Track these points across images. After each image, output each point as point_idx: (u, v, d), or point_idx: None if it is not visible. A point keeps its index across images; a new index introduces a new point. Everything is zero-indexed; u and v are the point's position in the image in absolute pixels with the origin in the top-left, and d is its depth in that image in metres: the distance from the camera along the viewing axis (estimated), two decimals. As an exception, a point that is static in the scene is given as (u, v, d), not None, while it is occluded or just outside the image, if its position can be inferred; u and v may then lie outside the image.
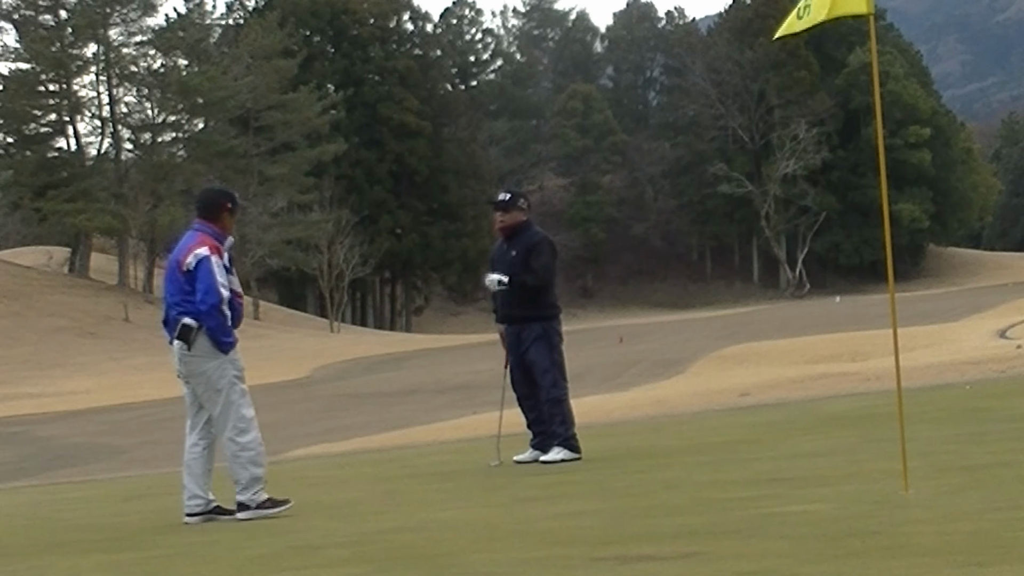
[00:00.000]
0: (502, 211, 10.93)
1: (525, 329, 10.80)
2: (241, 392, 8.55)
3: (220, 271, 8.42)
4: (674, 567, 5.14)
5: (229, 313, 8.48)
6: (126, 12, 76.94)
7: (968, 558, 4.80)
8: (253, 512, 8.42)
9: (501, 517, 7.42)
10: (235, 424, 8.53)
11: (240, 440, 8.52)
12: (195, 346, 8.51)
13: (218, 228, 8.61)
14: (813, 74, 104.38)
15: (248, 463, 8.50)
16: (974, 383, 17.32)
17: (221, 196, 8.86)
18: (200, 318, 8.41)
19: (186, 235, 8.69)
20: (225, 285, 8.44)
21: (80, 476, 18.80)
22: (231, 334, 8.51)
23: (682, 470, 9.35)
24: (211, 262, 8.39)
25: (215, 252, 8.44)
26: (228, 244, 8.65)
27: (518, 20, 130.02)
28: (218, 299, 8.37)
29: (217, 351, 8.47)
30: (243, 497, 8.48)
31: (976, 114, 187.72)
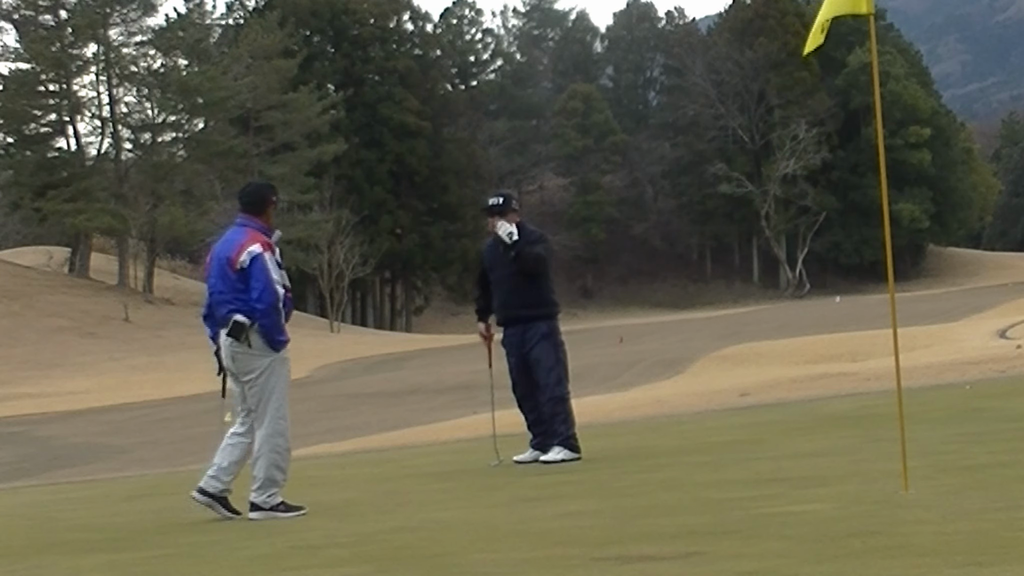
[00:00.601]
0: (498, 215, 10.85)
1: (530, 328, 10.77)
2: (285, 392, 8.53)
3: (274, 268, 8.42)
4: (674, 567, 5.14)
5: (283, 310, 8.48)
6: (126, 12, 76.97)
7: (968, 558, 4.80)
8: (265, 514, 8.39)
9: (501, 517, 7.42)
10: (274, 423, 8.48)
11: (273, 440, 8.48)
12: (247, 343, 8.45)
13: (263, 222, 8.61)
14: (813, 74, 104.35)
15: (272, 465, 8.45)
16: (974, 383, 17.32)
17: (266, 190, 8.84)
18: (255, 316, 8.37)
19: (232, 230, 8.66)
20: (280, 282, 8.44)
21: (80, 476, 18.80)
22: (285, 332, 8.50)
23: (682, 470, 9.35)
24: (265, 259, 8.37)
25: (267, 248, 8.43)
26: (276, 238, 8.64)
27: (518, 20, 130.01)
28: (275, 298, 8.37)
29: (269, 349, 8.44)
30: (258, 498, 8.44)
31: (976, 114, 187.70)
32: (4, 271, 68.48)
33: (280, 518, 8.33)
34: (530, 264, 10.75)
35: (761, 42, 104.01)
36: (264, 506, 8.41)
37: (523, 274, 10.75)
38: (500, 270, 10.86)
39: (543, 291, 10.91)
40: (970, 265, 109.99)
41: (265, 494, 8.43)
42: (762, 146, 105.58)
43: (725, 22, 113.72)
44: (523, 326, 10.79)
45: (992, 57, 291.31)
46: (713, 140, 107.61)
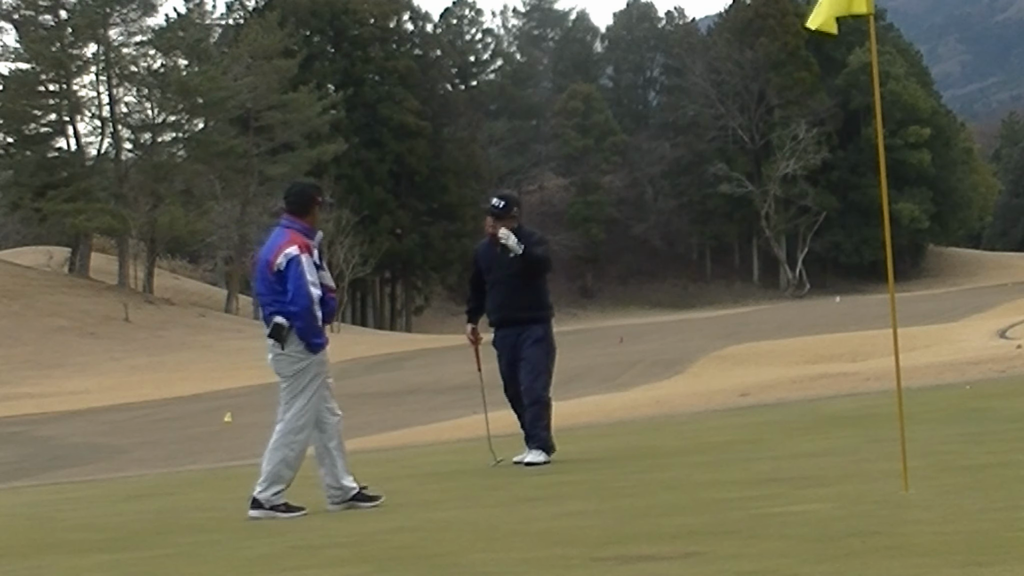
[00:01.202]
0: (497, 218, 10.78)
1: (525, 331, 10.78)
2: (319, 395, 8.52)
3: (311, 270, 8.41)
4: (674, 567, 5.14)
5: (320, 313, 8.45)
6: (126, 12, 76.96)
7: (968, 558, 4.80)
8: (265, 513, 8.39)
9: (501, 517, 7.42)
10: (295, 420, 8.50)
11: (289, 437, 8.49)
12: (287, 344, 8.47)
13: (307, 223, 8.60)
14: (813, 74, 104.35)
15: (282, 461, 8.46)
16: (974, 383, 17.32)
17: (312, 190, 8.86)
18: (290, 318, 8.40)
19: (275, 232, 8.67)
20: (316, 284, 8.42)
21: (80, 476, 18.79)
22: (321, 335, 8.49)
23: (682, 470, 9.35)
24: (301, 262, 8.37)
25: (305, 250, 8.42)
26: (318, 239, 8.64)
27: (518, 20, 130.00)
28: (309, 301, 8.36)
29: (307, 351, 8.45)
30: (261, 494, 8.45)
31: (976, 114, 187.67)
32: (4, 271, 68.48)
33: (279, 518, 8.33)
34: (537, 266, 10.73)
35: (761, 42, 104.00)
36: (266, 504, 8.40)
37: (522, 276, 10.68)
38: (498, 272, 10.78)
39: (541, 294, 10.91)
40: (970, 265, 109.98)
41: (270, 491, 8.43)
42: (762, 146, 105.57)
43: (725, 22, 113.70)
44: (519, 328, 10.78)
45: (992, 57, 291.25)
46: (713, 140, 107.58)
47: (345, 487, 8.64)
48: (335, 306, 8.72)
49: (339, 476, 8.64)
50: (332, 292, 8.66)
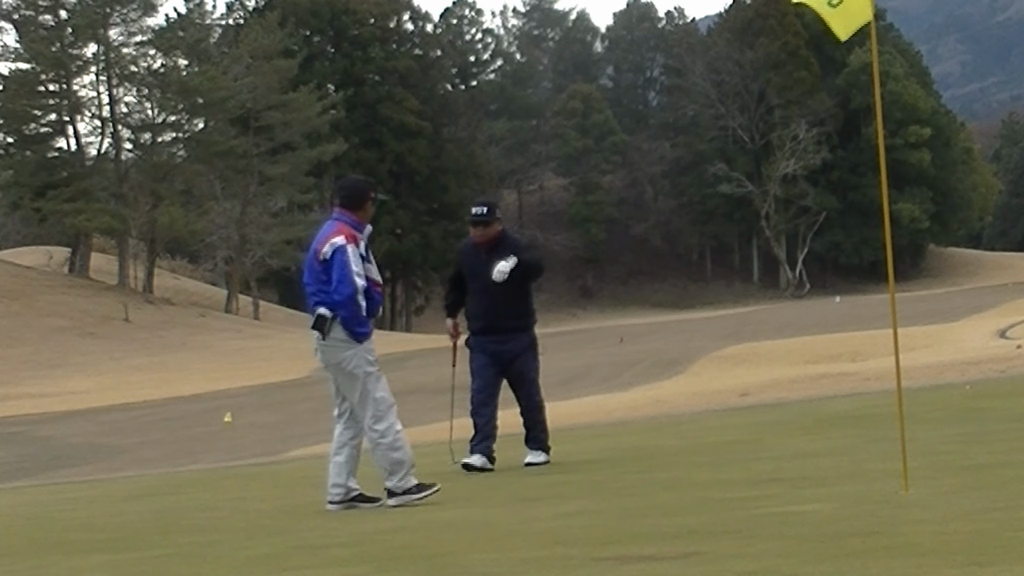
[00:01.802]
0: (483, 225, 10.64)
1: (512, 339, 10.68)
2: (376, 379, 8.56)
3: (356, 260, 8.48)
4: (674, 567, 5.14)
5: (364, 303, 8.50)
6: (126, 12, 76.91)
7: (968, 558, 4.80)
8: (401, 498, 8.48)
9: (501, 517, 7.42)
10: (373, 412, 8.55)
11: (377, 427, 8.54)
12: (330, 335, 8.53)
13: (358, 217, 8.68)
14: (813, 74, 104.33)
15: (387, 449, 8.52)
16: (974, 383, 17.32)
17: (366, 185, 8.96)
18: (335, 308, 8.46)
19: (325, 224, 8.75)
20: (360, 274, 8.48)
21: (80, 476, 18.79)
22: (366, 324, 8.55)
23: (682, 470, 9.36)
24: (347, 252, 8.45)
25: (351, 241, 8.50)
26: (367, 233, 8.71)
27: (518, 20, 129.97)
28: (352, 290, 8.42)
29: (352, 340, 8.49)
30: (390, 483, 8.54)
31: (976, 114, 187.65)
32: (4, 271, 68.47)
33: (415, 500, 8.42)
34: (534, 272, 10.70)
35: (761, 42, 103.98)
36: (398, 490, 8.51)
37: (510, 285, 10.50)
38: (483, 278, 10.56)
39: (527, 301, 10.78)
40: (970, 265, 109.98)
41: (396, 478, 8.52)
42: (762, 146, 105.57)
43: (725, 22, 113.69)
44: (505, 336, 10.68)
45: (992, 57, 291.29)
46: (713, 140, 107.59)
47: (349, 487, 8.68)
48: (380, 300, 8.74)
49: (348, 475, 8.68)
50: (378, 286, 8.70)
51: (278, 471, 14.97)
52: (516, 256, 10.55)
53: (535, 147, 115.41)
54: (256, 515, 8.99)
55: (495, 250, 10.57)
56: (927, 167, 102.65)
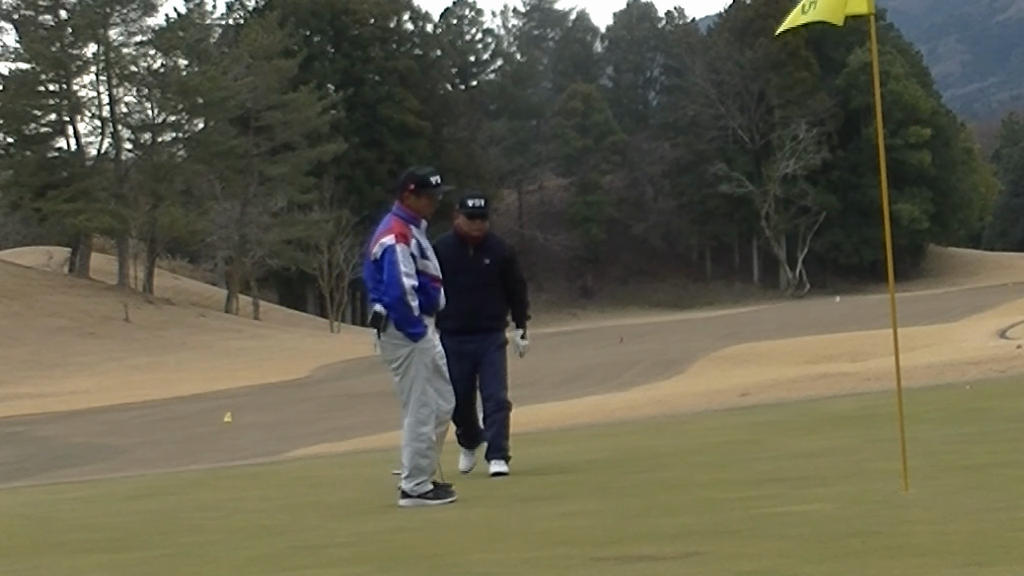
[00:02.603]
0: (481, 219, 10.19)
1: (488, 338, 10.26)
2: (426, 381, 8.51)
3: (405, 260, 8.41)
4: (674, 567, 5.14)
5: (415, 303, 8.42)
6: (126, 12, 76.94)
7: (968, 558, 4.80)
8: (414, 501, 8.44)
9: (501, 517, 7.42)
10: (416, 412, 8.51)
11: (417, 429, 8.50)
12: (386, 333, 8.50)
13: (410, 211, 8.62)
14: (813, 74, 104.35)
15: (416, 453, 8.47)
16: (974, 383, 17.32)
17: (405, 177, 8.85)
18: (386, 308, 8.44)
19: (384, 219, 8.72)
20: (411, 274, 8.41)
21: (80, 476, 18.78)
22: (418, 324, 8.45)
23: (682, 470, 9.35)
24: (395, 252, 8.40)
25: (401, 239, 8.44)
26: (423, 227, 8.63)
27: (518, 20, 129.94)
28: (400, 291, 8.36)
29: (407, 339, 8.46)
30: (406, 485, 8.50)
31: (976, 114, 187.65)
32: (4, 271, 68.47)
33: (429, 505, 8.36)
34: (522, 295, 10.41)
35: (761, 42, 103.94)
36: (413, 494, 8.46)
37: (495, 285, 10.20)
38: (466, 277, 10.07)
39: (504, 303, 10.40)
40: (970, 265, 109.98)
41: (413, 482, 8.47)
42: (762, 146, 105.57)
43: (725, 22, 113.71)
44: (483, 336, 10.26)
45: (992, 57, 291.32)
46: (713, 140, 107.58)
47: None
48: (438, 296, 8.64)
49: None
50: (436, 282, 8.62)
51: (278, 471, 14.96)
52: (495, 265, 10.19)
53: (535, 147, 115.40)
54: (256, 515, 8.98)
55: (481, 246, 10.19)
56: (927, 167, 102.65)
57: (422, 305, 8.47)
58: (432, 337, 8.58)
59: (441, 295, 8.68)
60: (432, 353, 8.55)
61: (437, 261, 8.74)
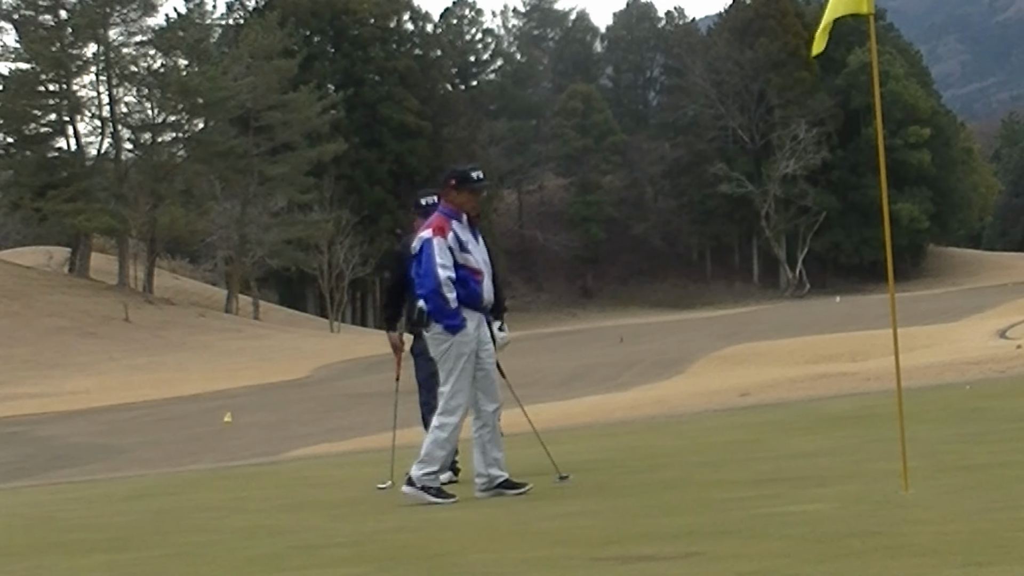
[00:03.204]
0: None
1: None
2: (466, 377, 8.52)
3: (442, 252, 8.46)
4: (674, 567, 5.14)
5: (451, 295, 8.45)
6: (126, 12, 76.94)
7: (968, 558, 4.80)
8: (415, 492, 8.46)
9: (501, 517, 7.42)
10: (446, 403, 8.55)
11: (442, 419, 8.55)
12: (430, 329, 8.57)
13: (452, 206, 8.66)
14: (813, 74, 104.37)
15: (435, 443, 8.52)
16: (974, 383, 17.33)
17: (447, 173, 8.91)
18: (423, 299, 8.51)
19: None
20: (447, 265, 8.45)
21: (80, 476, 18.79)
22: (454, 316, 8.48)
23: (682, 470, 9.36)
24: (432, 245, 8.47)
25: (439, 233, 8.50)
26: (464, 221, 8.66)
27: (518, 20, 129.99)
28: (435, 283, 8.42)
29: (447, 332, 8.50)
30: (415, 472, 8.53)
31: (976, 114, 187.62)
32: (4, 271, 68.47)
33: (427, 500, 8.39)
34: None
35: (761, 42, 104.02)
36: (417, 483, 8.49)
37: None
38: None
39: None
40: (970, 265, 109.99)
41: (422, 471, 8.50)
42: (762, 146, 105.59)
43: (725, 22, 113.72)
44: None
45: (992, 57, 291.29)
46: (713, 140, 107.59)
47: (491, 475, 8.65)
48: (478, 289, 8.64)
49: (485, 464, 8.65)
50: (478, 275, 8.63)
51: (278, 471, 14.96)
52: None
53: (535, 147, 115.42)
54: (256, 515, 8.98)
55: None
56: (927, 167, 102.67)
57: (461, 298, 8.50)
58: (473, 332, 8.56)
59: (483, 288, 8.67)
60: (471, 347, 8.54)
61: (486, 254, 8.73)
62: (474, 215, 9.00)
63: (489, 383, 8.65)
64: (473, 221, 9.05)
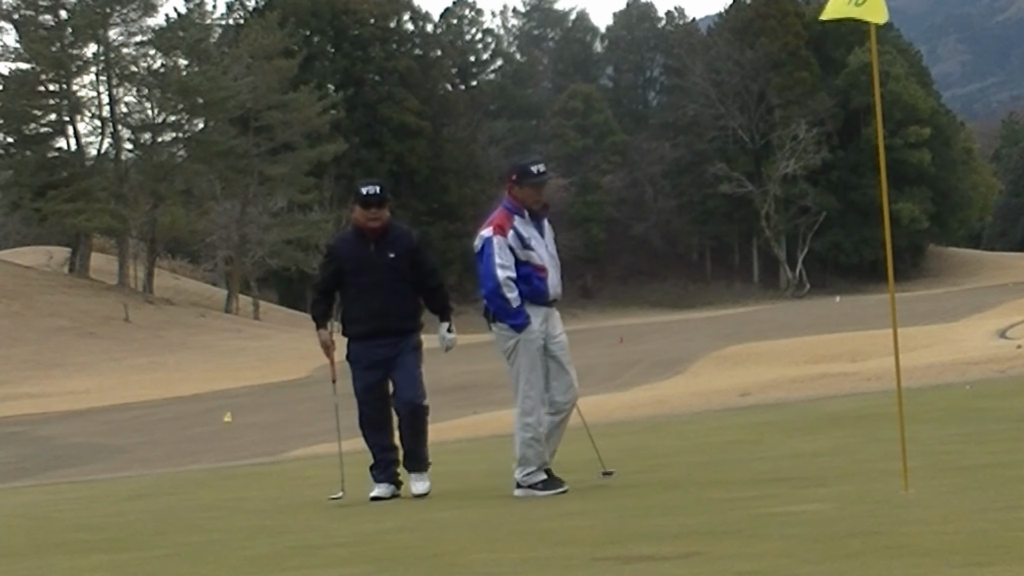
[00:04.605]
0: (376, 206, 9.14)
1: (402, 341, 9.23)
2: (535, 374, 8.51)
3: (501, 252, 8.46)
4: (674, 567, 5.14)
5: (511, 294, 8.45)
6: (126, 12, 76.93)
7: (968, 558, 4.80)
8: (525, 491, 8.45)
9: (501, 517, 7.42)
10: (522, 402, 8.55)
11: (523, 419, 8.54)
12: (496, 324, 8.60)
13: (515, 201, 8.64)
14: (813, 74, 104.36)
15: (523, 443, 8.50)
16: (974, 383, 17.33)
17: (508, 168, 8.91)
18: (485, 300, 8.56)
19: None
20: (506, 265, 8.44)
21: (80, 476, 18.80)
22: (516, 315, 8.48)
23: (682, 470, 9.36)
24: (492, 245, 8.48)
25: (498, 231, 8.50)
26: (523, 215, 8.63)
27: (518, 20, 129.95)
28: (494, 284, 8.43)
29: (512, 330, 8.51)
30: (517, 475, 8.53)
31: (976, 114, 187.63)
32: (4, 271, 68.47)
33: (538, 496, 8.35)
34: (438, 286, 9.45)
35: (761, 42, 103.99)
36: (524, 484, 8.49)
37: (405, 280, 9.23)
38: (372, 274, 9.15)
39: (416, 300, 9.41)
40: (970, 265, 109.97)
41: (523, 472, 8.50)
42: (762, 146, 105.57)
43: (725, 22, 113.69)
44: (395, 339, 9.20)
45: (992, 57, 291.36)
46: (713, 140, 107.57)
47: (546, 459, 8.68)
48: (542, 287, 8.62)
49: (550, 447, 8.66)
50: (541, 271, 8.62)
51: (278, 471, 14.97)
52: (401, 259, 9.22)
53: (535, 147, 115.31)
54: (256, 515, 8.98)
55: (383, 239, 9.19)
56: (927, 167, 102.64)
57: (525, 295, 8.51)
58: (538, 329, 8.55)
59: (548, 284, 8.66)
60: (537, 343, 8.54)
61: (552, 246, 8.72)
62: (538, 208, 8.80)
63: (563, 374, 8.64)
64: (539, 214, 8.86)
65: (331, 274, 9.45)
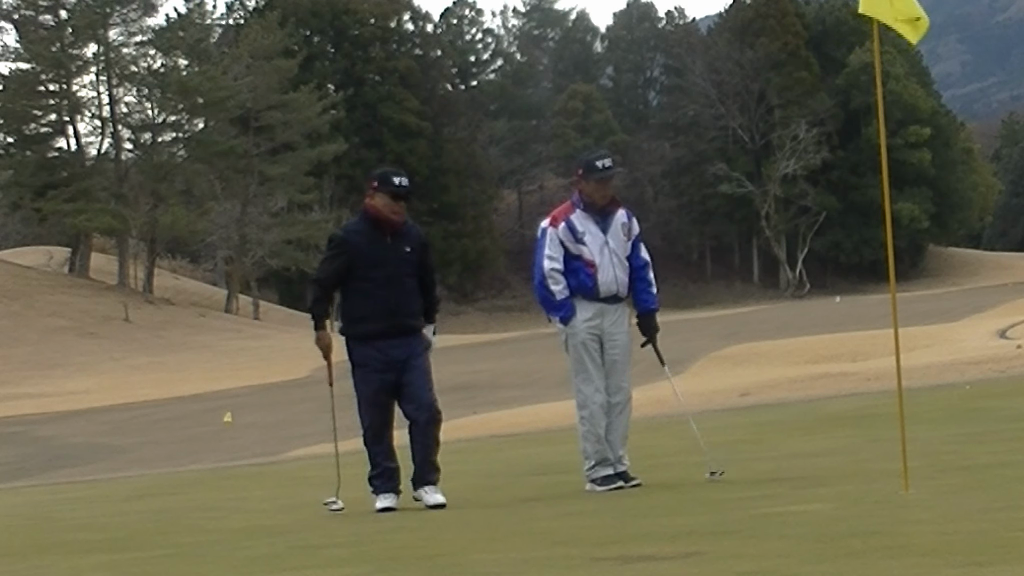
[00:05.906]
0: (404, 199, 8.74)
1: (414, 339, 8.73)
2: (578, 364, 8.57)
3: (551, 244, 8.54)
4: (674, 567, 5.14)
5: (556, 287, 8.49)
6: (126, 12, 76.92)
7: (968, 558, 4.80)
8: (592, 486, 8.49)
9: (501, 517, 7.42)
10: (575, 395, 8.67)
11: (578, 412, 8.64)
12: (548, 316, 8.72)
13: (583, 192, 8.72)
14: (813, 74, 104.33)
15: (581, 437, 8.56)
16: (974, 383, 17.33)
17: (576, 162, 8.97)
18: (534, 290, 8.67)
19: None
20: (553, 257, 8.50)
21: (80, 476, 18.80)
22: (559, 307, 8.55)
23: (682, 470, 9.36)
24: (545, 236, 8.59)
25: (554, 223, 8.60)
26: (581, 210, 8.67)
27: (518, 20, 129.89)
28: (540, 275, 8.53)
29: (561, 324, 8.59)
30: (585, 472, 8.58)
31: (976, 114, 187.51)
32: (4, 271, 68.47)
33: (597, 491, 8.38)
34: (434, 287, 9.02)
35: (761, 42, 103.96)
36: (588, 479, 8.53)
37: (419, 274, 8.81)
38: (386, 268, 8.60)
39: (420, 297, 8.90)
40: (970, 265, 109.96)
41: (585, 466, 8.55)
42: (762, 146, 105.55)
43: (725, 22, 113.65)
44: (409, 338, 8.65)
45: (992, 57, 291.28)
46: (713, 140, 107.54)
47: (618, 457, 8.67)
48: (589, 282, 8.62)
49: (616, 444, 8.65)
50: (591, 267, 8.62)
51: (278, 471, 14.97)
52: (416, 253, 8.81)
53: (535, 147, 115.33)
54: (256, 515, 8.98)
55: (398, 232, 8.77)
56: (927, 167, 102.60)
57: (572, 287, 8.54)
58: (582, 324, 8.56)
59: (597, 279, 8.66)
60: (582, 337, 8.56)
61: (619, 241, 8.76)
62: (604, 203, 8.68)
63: (614, 374, 8.66)
64: (607, 209, 8.72)
65: (339, 267, 8.73)
